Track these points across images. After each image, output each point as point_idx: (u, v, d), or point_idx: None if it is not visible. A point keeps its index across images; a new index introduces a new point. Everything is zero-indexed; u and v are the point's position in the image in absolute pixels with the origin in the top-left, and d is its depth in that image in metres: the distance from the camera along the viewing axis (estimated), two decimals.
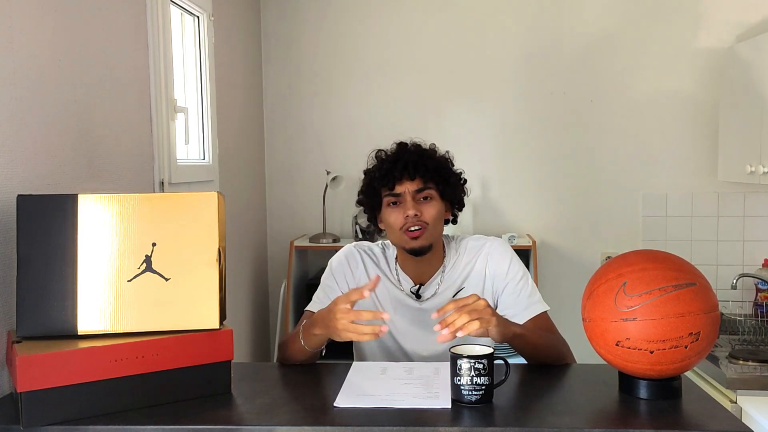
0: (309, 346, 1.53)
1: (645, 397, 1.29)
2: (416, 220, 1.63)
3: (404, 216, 1.63)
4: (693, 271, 1.29)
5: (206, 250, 1.34)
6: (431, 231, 1.65)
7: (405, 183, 1.65)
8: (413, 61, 3.31)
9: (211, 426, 1.21)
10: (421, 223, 1.63)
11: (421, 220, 1.63)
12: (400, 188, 1.65)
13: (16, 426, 1.19)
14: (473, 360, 1.25)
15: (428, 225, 1.64)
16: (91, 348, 1.23)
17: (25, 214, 1.29)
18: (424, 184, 1.65)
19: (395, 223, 1.65)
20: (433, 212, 1.65)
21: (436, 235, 1.68)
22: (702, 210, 3.23)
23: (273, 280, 3.41)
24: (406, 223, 1.63)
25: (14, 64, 1.39)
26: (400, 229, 1.64)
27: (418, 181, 1.65)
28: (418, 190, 1.65)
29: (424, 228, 1.64)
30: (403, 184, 1.65)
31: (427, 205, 1.65)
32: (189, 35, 2.54)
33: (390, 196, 1.66)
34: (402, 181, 1.64)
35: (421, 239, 1.64)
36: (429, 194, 1.66)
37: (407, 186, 1.64)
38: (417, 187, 1.65)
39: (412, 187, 1.64)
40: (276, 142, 3.40)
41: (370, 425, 1.18)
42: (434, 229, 1.66)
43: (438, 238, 1.71)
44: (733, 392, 2.32)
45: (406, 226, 1.63)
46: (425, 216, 1.64)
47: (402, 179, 1.64)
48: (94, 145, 1.71)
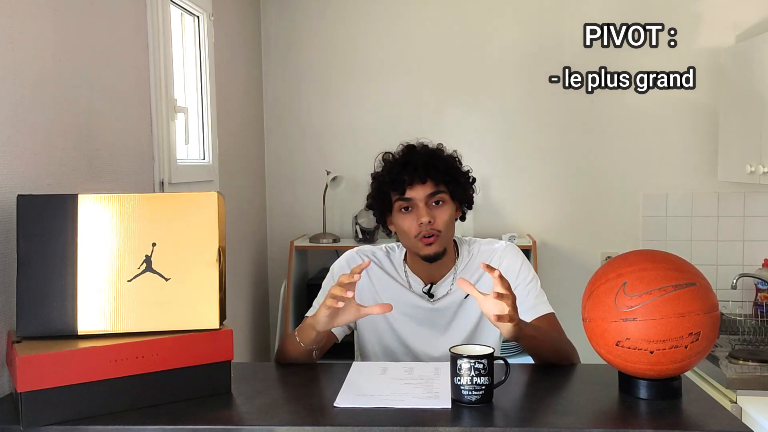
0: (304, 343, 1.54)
1: (645, 397, 1.29)
2: (430, 228, 1.63)
3: (418, 223, 1.63)
4: (693, 271, 1.29)
5: (206, 250, 1.34)
6: (444, 236, 1.66)
7: (416, 187, 1.64)
8: (413, 61, 3.31)
9: (211, 426, 1.21)
10: (434, 231, 1.63)
11: (434, 228, 1.63)
12: (411, 193, 1.64)
13: (16, 426, 1.19)
14: (473, 360, 1.25)
15: (441, 232, 1.64)
16: (91, 348, 1.23)
17: (25, 214, 1.29)
18: (436, 187, 1.64)
19: (409, 230, 1.65)
20: (446, 217, 1.65)
21: (449, 239, 1.69)
22: (702, 210, 3.23)
23: (273, 280, 3.41)
24: (421, 231, 1.63)
25: (15, 64, 1.39)
26: (415, 237, 1.64)
27: (429, 185, 1.64)
28: (431, 194, 1.64)
29: (437, 235, 1.64)
30: (414, 188, 1.64)
31: (440, 210, 1.65)
32: (189, 35, 2.54)
33: (401, 201, 1.65)
34: (413, 185, 1.63)
35: (435, 245, 1.64)
36: (441, 198, 1.65)
37: (419, 191, 1.64)
38: (429, 192, 1.64)
39: (424, 191, 1.64)
40: (276, 142, 3.40)
41: (370, 425, 1.18)
42: (447, 234, 1.67)
43: (450, 241, 1.71)
44: (733, 392, 2.32)
45: (420, 234, 1.63)
46: (438, 222, 1.64)
47: (413, 183, 1.63)
48: (94, 145, 1.71)
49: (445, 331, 1.70)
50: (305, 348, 1.55)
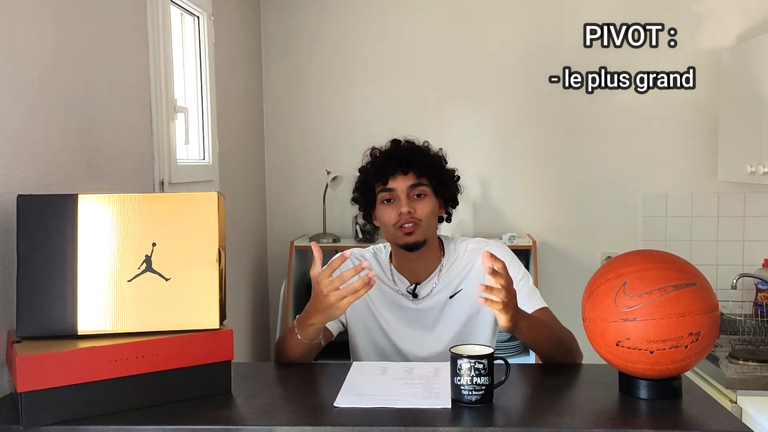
0: (305, 338, 1.54)
1: (645, 397, 1.29)
2: (410, 217, 1.65)
3: (398, 213, 1.65)
4: (693, 271, 1.29)
5: (206, 250, 1.34)
6: (425, 227, 1.67)
7: (398, 178, 1.67)
8: (413, 61, 3.31)
9: (211, 426, 1.21)
10: (414, 219, 1.65)
11: (414, 217, 1.65)
12: (393, 183, 1.67)
13: (16, 426, 1.19)
14: (473, 360, 1.25)
15: (422, 221, 1.66)
16: (91, 348, 1.23)
17: (25, 214, 1.28)
18: (417, 179, 1.67)
19: (389, 219, 1.67)
20: (427, 209, 1.67)
21: (430, 231, 1.70)
22: (702, 210, 3.23)
23: (273, 280, 3.41)
24: (400, 220, 1.65)
25: (15, 64, 1.39)
26: (394, 226, 1.66)
27: (411, 176, 1.67)
28: (412, 186, 1.66)
29: (417, 224, 1.66)
30: (396, 179, 1.67)
31: (421, 203, 1.67)
32: (189, 35, 2.54)
33: (384, 192, 1.68)
34: (395, 176, 1.67)
35: (415, 235, 1.66)
36: (423, 191, 1.68)
37: (400, 181, 1.66)
38: (410, 183, 1.66)
39: (406, 182, 1.66)
40: (276, 142, 3.40)
41: (370, 425, 1.18)
42: (428, 225, 1.68)
43: (432, 234, 1.72)
44: (733, 392, 2.32)
45: (399, 222, 1.65)
46: (418, 213, 1.66)
47: (395, 174, 1.67)
48: (94, 145, 1.71)
49: (431, 331, 1.70)
50: (308, 342, 1.55)
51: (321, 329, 1.55)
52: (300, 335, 1.54)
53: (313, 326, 1.52)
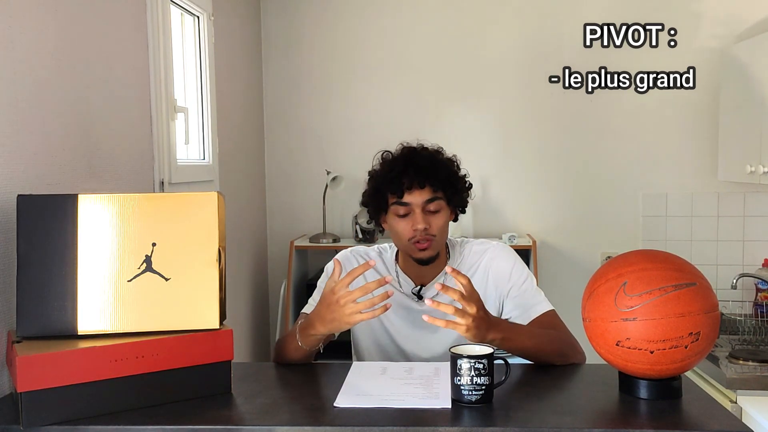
0: (306, 346, 1.53)
1: (645, 397, 1.29)
2: (425, 234, 1.63)
3: (413, 228, 1.63)
4: (693, 271, 1.29)
5: (206, 250, 1.34)
6: (438, 241, 1.66)
7: (414, 192, 1.63)
8: (413, 61, 3.31)
9: (211, 426, 1.21)
10: (429, 236, 1.63)
11: (429, 234, 1.63)
12: (409, 198, 1.63)
13: (16, 426, 1.19)
14: (473, 360, 1.25)
15: (436, 237, 1.64)
16: (91, 348, 1.23)
17: (25, 214, 1.29)
18: (434, 194, 1.64)
19: (403, 233, 1.65)
20: (441, 223, 1.65)
21: (442, 243, 1.70)
22: (702, 210, 3.23)
23: (273, 280, 3.41)
24: (415, 236, 1.63)
25: (14, 64, 1.39)
26: (409, 240, 1.64)
27: (428, 190, 1.64)
28: (428, 201, 1.63)
29: (431, 240, 1.64)
30: (412, 193, 1.63)
31: (436, 217, 1.65)
32: (189, 35, 2.54)
33: (398, 205, 1.65)
34: (411, 190, 1.63)
35: (429, 250, 1.65)
36: (439, 206, 1.65)
37: (416, 196, 1.63)
38: (426, 198, 1.63)
39: (422, 197, 1.63)
40: (276, 142, 3.40)
41: (370, 425, 1.18)
42: (441, 239, 1.67)
43: (444, 244, 1.72)
44: (733, 392, 2.32)
45: (414, 238, 1.63)
46: (433, 228, 1.64)
47: (411, 188, 1.63)
48: (94, 145, 1.71)
49: (434, 333, 1.69)
50: (308, 350, 1.54)
51: (320, 340, 1.53)
52: (301, 342, 1.53)
53: (314, 336, 1.51)
